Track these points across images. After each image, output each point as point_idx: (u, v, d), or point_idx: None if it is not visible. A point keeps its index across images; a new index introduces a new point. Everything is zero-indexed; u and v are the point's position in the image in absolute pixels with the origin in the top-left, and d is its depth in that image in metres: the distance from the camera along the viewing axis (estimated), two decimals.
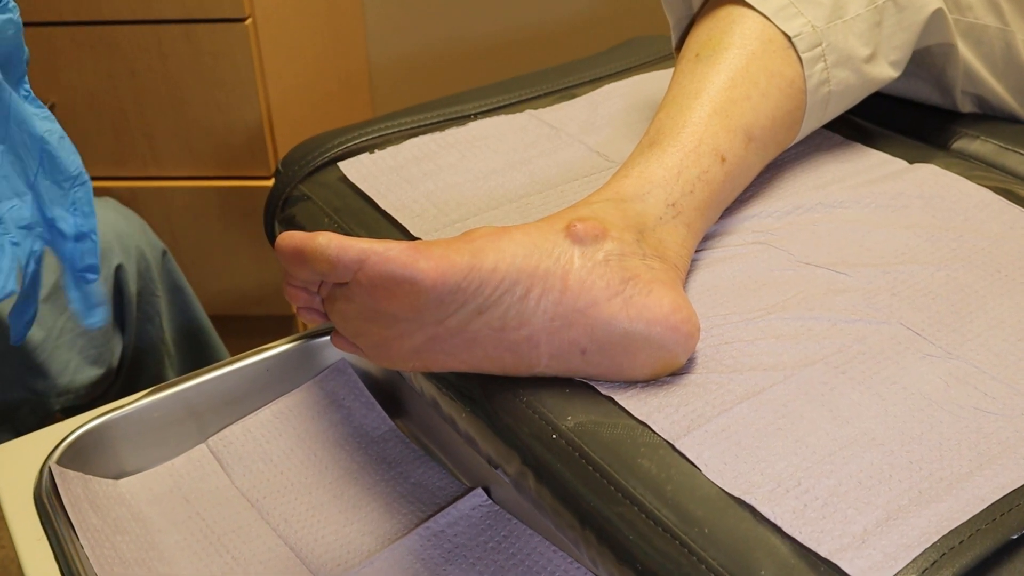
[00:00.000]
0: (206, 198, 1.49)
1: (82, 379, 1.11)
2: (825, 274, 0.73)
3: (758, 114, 0.76)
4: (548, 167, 0.89)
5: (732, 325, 0.69)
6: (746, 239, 0.77)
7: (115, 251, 1.17)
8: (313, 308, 0.68)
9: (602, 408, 0.65)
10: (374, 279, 0.63)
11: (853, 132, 0.90)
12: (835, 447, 0.60)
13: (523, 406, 0.66)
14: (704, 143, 0.74)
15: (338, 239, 0.63)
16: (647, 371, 0.65)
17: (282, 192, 0.93)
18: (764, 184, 0.83)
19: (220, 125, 1.44)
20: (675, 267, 0.69)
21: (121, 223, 1.21)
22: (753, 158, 0.77)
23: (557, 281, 0.64)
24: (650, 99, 0.97)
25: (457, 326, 0.64)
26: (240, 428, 0.87)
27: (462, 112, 0.98)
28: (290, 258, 0.64)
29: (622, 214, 0.69)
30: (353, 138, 0.95)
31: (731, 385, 0.64)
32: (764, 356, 0.66)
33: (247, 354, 0.88)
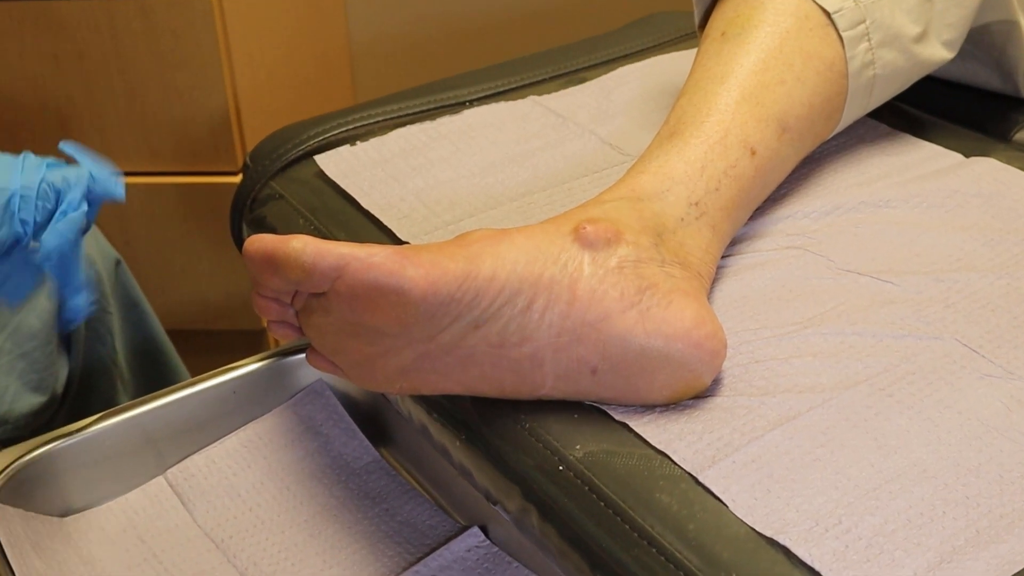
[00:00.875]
0: (164, 197, 1.49)
1: (22, 407, 1.12)
2: (869, 283, 0.73)
3: (793, 101, 0.77)
4: (554, 161, 0.89)
5: (763, 341, 0.69)
6: (779, 243, 0.77)
7: None
8: (286, 322, 0.68)
9: (615, 435, 0.65)
10: (355, 289, 0.63)
11: (901, 121, 0.90)
12: (881, 480, 0.60)
13: (525, 433, 0.67)
14: (731, 134, 0.74)
15: (314, 243, 0.63)
16: (666, 393, 0.65)
17: (251, 190, 0.93)
18: (800, 181, 0.83)
19: (180, 114, 1.45)
20: (698, 275, 0.69)
21: None
22: (787, 151, 0.77)
23: (564, 291, 0.64)
24: (670, 84, 0.97)
25: (450, 342, 0.65)
26: (203, 459, 0.87)
27: (456, 98, 0.98)
28: (260, 265, 0.65)
29: (638, 215, 0.69)
30: (332, 128, 0.95)
31: (762, 410, 0.64)
32: (800, 376, 0.66)
33: (211, 374, 0.89)
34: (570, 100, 0.97)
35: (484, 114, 0.96)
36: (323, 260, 0.63)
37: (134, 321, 1.28)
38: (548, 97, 0.98)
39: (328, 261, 0.63)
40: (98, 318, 1.22)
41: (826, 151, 0.86)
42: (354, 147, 0.93)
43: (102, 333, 1.22)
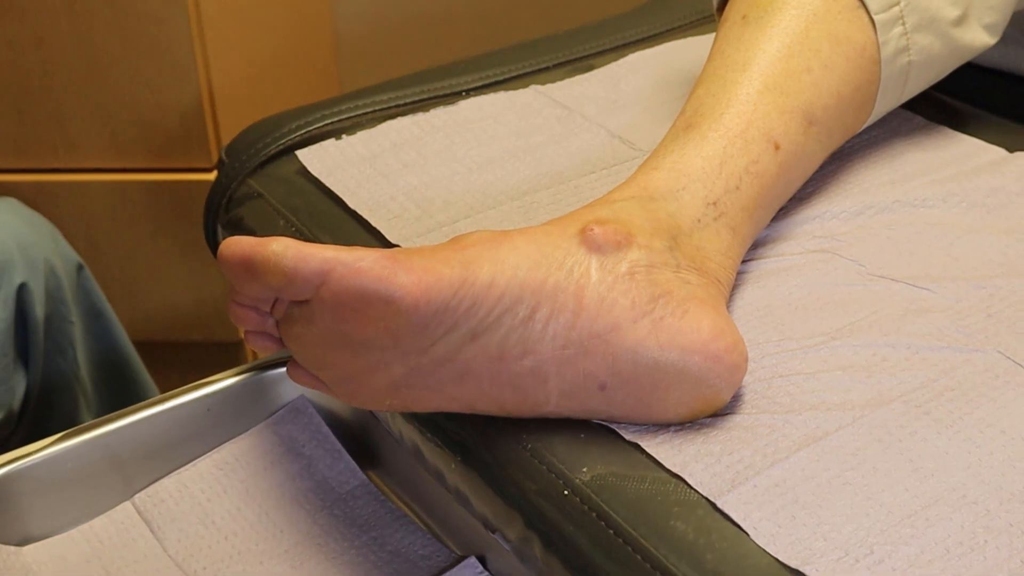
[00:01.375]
0: (132, 195, 1.49)
1: None
2: (904, 290, 0.73)
3: (820, 90, 0.77)
4: (558, 156, 0.90)
5: (788, 354, 0.69)
6: (806, 246, 0.77)
7: (17, 266, 1.17)
8: (265, 332, 0.68)
9: (626, 457, 0.65)
10: (341, 296, 0.63)
11: (939, 113, 0.90)
12: (917, 506, 0.60)
13: (528, 455, 0.67)
14: (753, 127, 0.74)
15: (296, 246, 0.63)
16: (682, 411, 0.66)
17: (226, 188, 0.93)
18: (828, 178, 0.83)
19: (149, 105, 1.45)
20: (716, 281, 0.69)
21: (25, 230, 1.20)
22: (814, 145, 0.77)
23: (570, 299, 0.65)
24: (686, 72, 0.97)
25: (445, 355, 0.65)
26: (174, 482, 0.87)
27: (452, 88, 0.98)
28: (236, 270, 0.65)
29: (650, 215, 0.69)
30: (315, 120, 0.95)
31: (787, 429, 0.65)
32: (828, 393, 0.66)
33: (182, 390, 0.89)
34: (576, 90, 0.98)
35: (482, 105, 0.96)
36: (306, 265, 0.63)
37: (98, 332, 1.28)
38: (552, 87, 0.98)
39: (311, 266, 0.63)
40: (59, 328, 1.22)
41: (856, 146, 0.86)
42: (339, 141, 0.93)
43: (63, 345, 1.22)
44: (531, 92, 0.98)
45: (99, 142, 1.48)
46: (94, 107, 1.46)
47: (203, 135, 1.45)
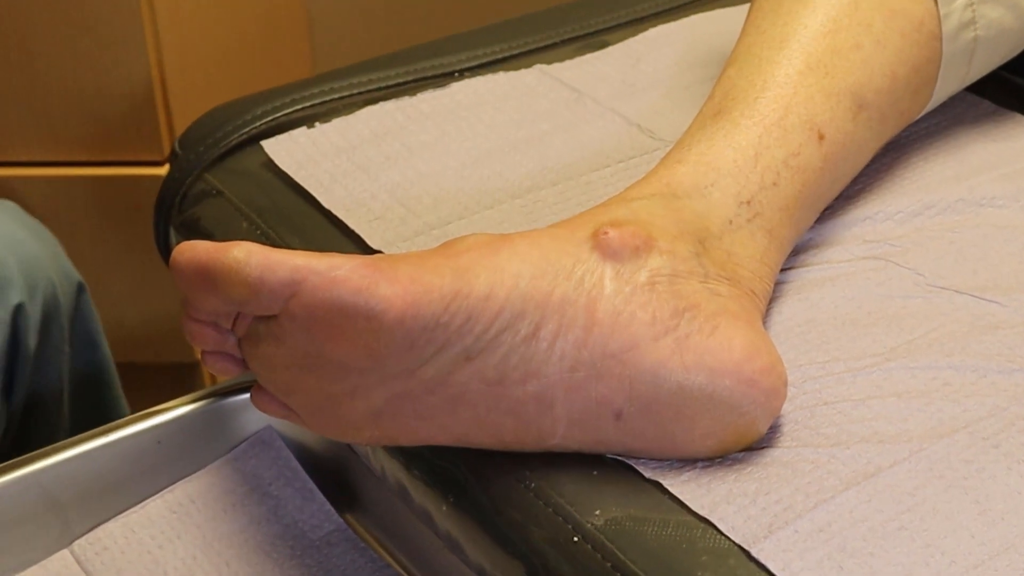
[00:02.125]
0: (71, 193, 1.49)
1: None
2: (969, 303, 0.73)
3: (872, 70, 0.77)
4: (567, 148, 0.90)
5: (834, 378, 0.69)
6: (855, 252, 0.77)
7: (15, 284, 1.15)
8: (225, 353, 0.68)
9: (645, 498, 0.65)
10: (314, 311, 0.63)
11: (1010, 97, 0.90)
12: (984, 555, 0.60)
13: (531, 495, 0.67)
14: (793, 113, 0.74)
15: (262, 252, 0.63)
16: (710, 444, 0.65)
17: (181, 184, 0.93)
18: (881, 173, 0.83)
19: (91, 88, 1.45)
20: (751, 293, 0.69)
21: (28, 242, 1.19)
22: (865, 134, 0.77)
23: (580, 313, 0.65)
24: (714, 50, 0.98)
25: (435, 379, 0.65)
26: (119, 527, 0.87)
27: (442, 68, 0.98)
28: (192, 280, 0.65)
29: (674, 216, 0.69)
30: (284, 106, 0.95)
31: (833, 465, 0.64)
32: (881, 422, 0.66)
33: (128, 420, 0.89)
34: (587, 70, 0.98)
35: (478, 88, 0.96)
36: (272, 274, 0.63)
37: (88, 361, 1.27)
38: (560, 66, 0.98)
39: (279, 275, 0.63)
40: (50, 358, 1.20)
41: (914, 135, 0.86)
42: (312, 130, 0.93)
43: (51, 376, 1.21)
44: (535, 73, 0.98)
45: (34, 132, 1.48)
46: (29, 93, 1.46)
47: (153, 123, 1.45)
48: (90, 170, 1.49)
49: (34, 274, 1.17)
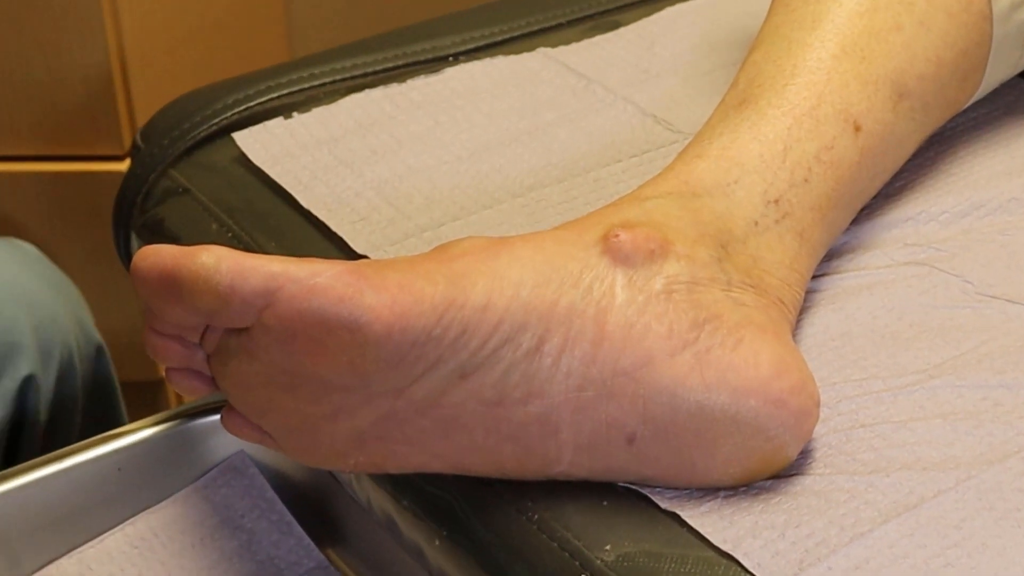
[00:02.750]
0: (22, 190, 1.49)
1: None
2: (1023, 313, 0.73)
3: (914, 54, 0.77)
4: (574, 141, 0.90)
5: (872, 397, 0.69)
6: (895, 257, 0.78)
7: (26, 351, 1.11)
8: (192, 369, 0.69)
9: (661, 531, 0.65)
10: (292, 322, 0.63)
11: None
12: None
13: (534, 528, 0.67)
14: (826, 102, 0.74)
15: (233, 257, 0.63)
16: (734, 471, 0.66)
17: (143, 181, 0.93)
18: (925, 168, 0.83)
19: (42, 74, 1.45)
20: (778, 303, 0.69)
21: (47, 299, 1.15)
22: (906, 125, 0.77)
23: (588, 325, 0.65)
24: (739, 31, 0.98)
25: (426, 399, 0.65)
26: (74, 564, 0.87)
27: (435, 51, 0.99)
28: (155, 288, 0.65)
29: (694, 217, 0.70)
30: (258, 94, 0.95)
31: (870, 494, 0.65)
32: (924, 447, 0.66)
33: (85, 444, 0.88)
34: (597, 54, 0.98)
35: (475, 74, 0.96)
36: (245, 282, 0.63)
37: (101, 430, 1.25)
38: (566, 50, 0.98)
39: (252, 283, 0.63)
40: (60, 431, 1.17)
41: (961, 126, 0.86)
42: (289, 120, 0.93)
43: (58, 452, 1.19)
44: (539, 57, 0.98)
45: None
46: None
47: (112, 113, 1.45)
48: (41, 165, 1.49)
49: (50, 338, 1.13)
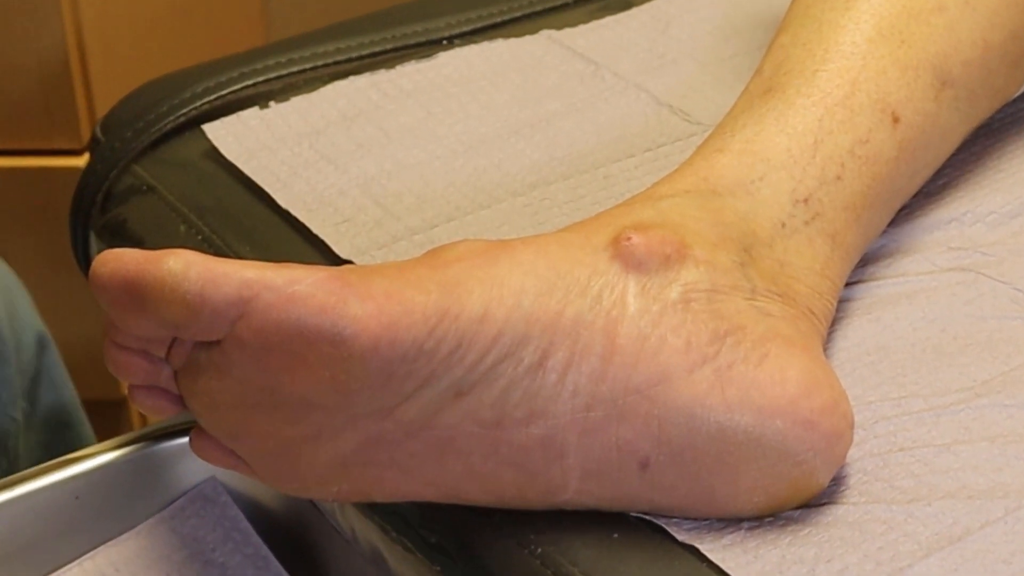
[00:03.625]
0: None
1: None
2: None
3: (958, 38, 0.77)
4: (582, 133, 0.90)
5: (912, 418, 0.69)
6: (937, 263, 0.78)
7: None
8: (158, 387, 0.69)
9: (678, 566, 0.65)
10: (268, 335, 0.63)
11: None
12: None
13: (536, 563, 0.67)
14: (861, 90, 0.74)
15: (204, 263, 0.63)
16: (759, 500, 0.66)
17: (103, 178, 0.93)
18: (970, 164, 0.83)
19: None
20: (808, 313, 0.69)
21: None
22: (950, 116, 0.78)
23: (597, 338, 0.65)
24: (763, 12, 0.98)
25: (417, 420, 0.65)
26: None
27: (427, 35, 0.99)
28: (117, 297, 0.65)
29: (714, 218, 0.70)
30: (231, 81, 0.95)
31: (910, 526, 0.65)
32: (970, 473, 0.66)
33: (39, 470, 0.89)
34: (606, 37, 0.98)
35: (471, 59, 0.97)
36: (216, 290, 0.63)
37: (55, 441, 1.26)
38: (572, 32, 0.99)
39: (224, 292, 0.63)
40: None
41: (1010, 118, 0.87)
42: (266, 111, 0.93)
43: None
44: (542, 40, 0.98)
45: None
46: None
47: (70, 102, 1.45)
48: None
49: None
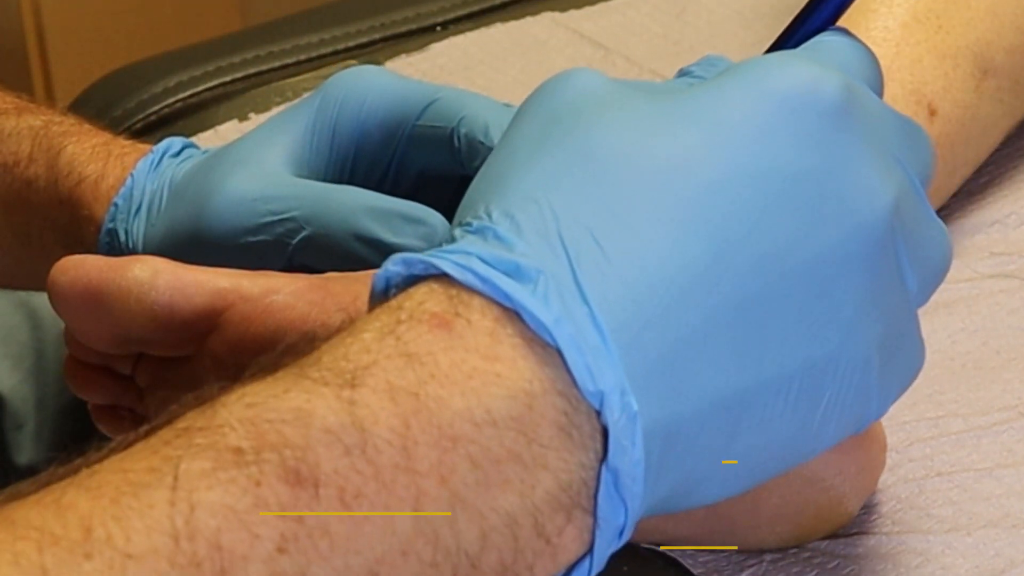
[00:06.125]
0: None
1: None
2: None
3: (1001, 23, 0.77)
4: None
5: (950, 440, 0.69)
6: (979, 269, 0.77)
7: None
8: (123, 407, 0.68)
9: None
10: (243, 350, 0.63)
11: None
12: None
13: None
14: (895, 80, 0.74)
15: (172, 270, 0.63)
16: (783, 529, 0.65)
17: None
18: (1015, 161, 0.83)
19: None
20: None
21: None
22: (992, 108, 0.78)
23: None
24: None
25: None
26: None
27: (419, 21, 0.98)
28: (77, 307, 0.65)
29: None
30: (206, 76, 0.95)
31: (948, 557, 0.64)
32: (1014, 500, 0.66)
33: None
34: (616, 21, 0.98)
35: (468, 47, 0.97)
36: (187, 301, 0.63)
37: None
38: (578, 15, 0.99)
39: (195, 302, 0.63)
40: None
41: None
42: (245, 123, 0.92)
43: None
44: (545, 23, 0.98)
45: None
46: None
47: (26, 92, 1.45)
48: None
49: None
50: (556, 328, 0.48)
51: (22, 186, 0.80)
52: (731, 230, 0.51)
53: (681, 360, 0.50)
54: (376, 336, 0.49)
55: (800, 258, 0.52)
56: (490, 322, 0.49)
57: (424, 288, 0.50)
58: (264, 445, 0.46)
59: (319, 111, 0.76)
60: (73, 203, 0.78)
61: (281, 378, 0.49)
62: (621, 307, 0.49)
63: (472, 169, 0.72)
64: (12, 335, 1.01)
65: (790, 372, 0.52)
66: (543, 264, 0.49)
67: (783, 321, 0.52)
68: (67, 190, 0.78)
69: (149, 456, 0.47)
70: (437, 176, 0.75)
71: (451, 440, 0.48)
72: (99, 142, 0.79)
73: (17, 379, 1.01)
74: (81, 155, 0.78)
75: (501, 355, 0.49)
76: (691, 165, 0.51)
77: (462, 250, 0.50)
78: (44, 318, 0.99)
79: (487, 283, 0.49)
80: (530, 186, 0.51)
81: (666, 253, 0.50)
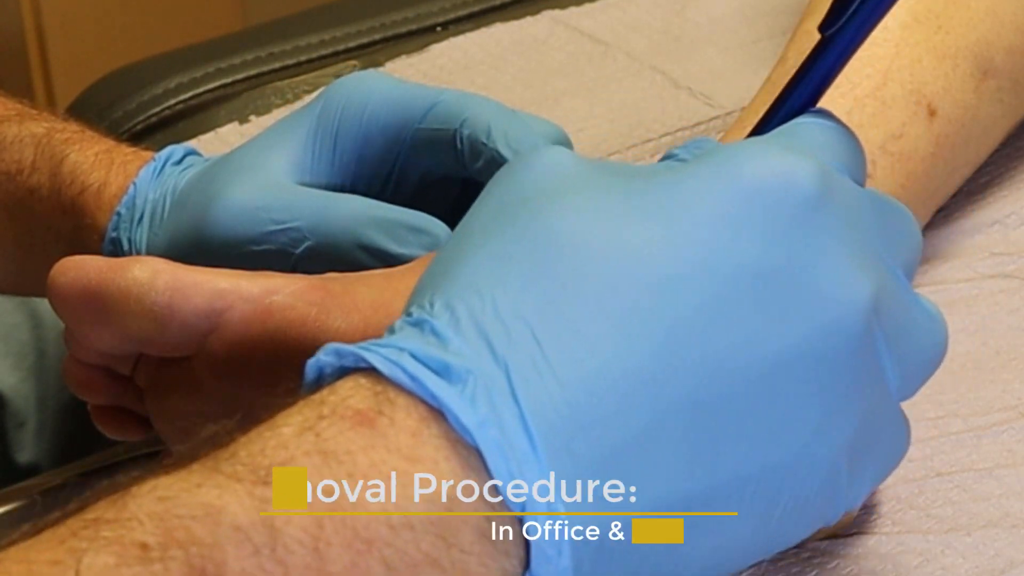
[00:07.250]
0: None
1: None
2: None
3: (1001, 23, 0.77)
4: (593, 114, 0.91)
5: (951, 439, 0.70)
6: (978, 269, 0.78)
7: None
8: (122, 408, 0.69)
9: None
10: (242, 350, 0.63)
11: None
12: None
13: None
14: (894, 80, 0.75)
15: (172, 271, 0.64)
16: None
17: None
18: (1014, 161, 0.84)
19: None
20: None
21: None
22: (992, 109, 0.78)
23: None
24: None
25: None
26: None
27: (419, 21, 0.99)
28: (76, 308, 0.65)
29: None
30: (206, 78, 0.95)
31: (948, 558, 0.65)
32: (1013, 500, 0.67)
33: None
34: (616, 17, 0.98)
35: (468, 47, 0.97)
36: (186, 301, 0.63)
37: None
38: (577, 12, 0.99)
39: (195, 303, 0.63)
40: None
41: None
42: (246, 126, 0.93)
43: None
44: (545, 21, 0.98)
45: None
46: None
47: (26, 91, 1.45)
48: None
49: None
50: (479, 431, 0.47)
51: (25, 194, 0.80)
52: (684, 330, 0.50)
53: (622, 465, 0.49)
54: (295, 432, 0.48)
55: (761, 359, 0.51)
56: (414, 422, 0.48)
57: (351, 382, 0.49)
58: (171, 541, 0.45)
59: (321, 117, 0.76)
60: (76, 212, 0.78)
61: (195, 471, 0.48)
62: (555, 410, 0.48)
63: (475, 171, 0.72)
64: (13, 334, 1.00)
65: (745, 476, 0.51)
66: (476, 363, 0.48)
67: (739, 425, 0.51)
68: (70, 199, 0.78)
69: (55, 547, 0.46)
70: (440, 179, 0.76)
71: (365, 543, 0.47)
72: (102, 149, 0.79)
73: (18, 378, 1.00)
74: (84, 163, 0.78)
75: (423, 456, 0.48)
76: (647, 258, 0.50)
77: (395, 344, 0.49)
78: (45, 317, 0.99)
79: (415, 381, 0.48)
80: (475, 274, 0.51)
81: (609, 354, 0.49)
